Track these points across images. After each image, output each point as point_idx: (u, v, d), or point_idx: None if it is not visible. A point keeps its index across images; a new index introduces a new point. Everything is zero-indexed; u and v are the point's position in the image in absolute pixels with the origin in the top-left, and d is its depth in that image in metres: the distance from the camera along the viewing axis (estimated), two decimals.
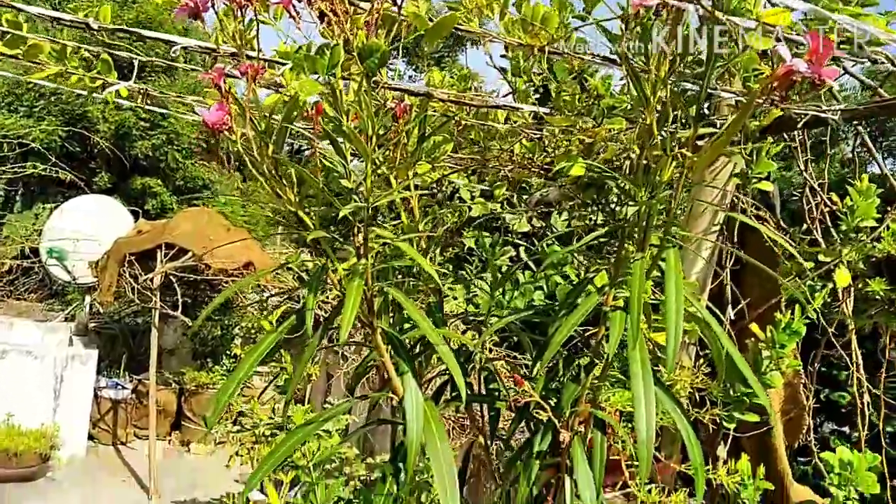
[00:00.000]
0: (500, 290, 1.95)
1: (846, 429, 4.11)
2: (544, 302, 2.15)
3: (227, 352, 6.96)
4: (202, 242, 5.66)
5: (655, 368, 1.29)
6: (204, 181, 13.18)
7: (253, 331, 7.32)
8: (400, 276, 1.53)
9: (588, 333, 1.48)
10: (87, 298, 7.12)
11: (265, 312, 7.32)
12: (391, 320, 1.40)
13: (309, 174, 1.07)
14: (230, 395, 1.02)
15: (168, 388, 6.89)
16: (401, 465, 1.26)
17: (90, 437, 6.46)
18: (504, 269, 1.97)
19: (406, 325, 1.45)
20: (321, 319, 1.25)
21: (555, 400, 1.25)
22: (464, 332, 1.83)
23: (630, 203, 1.08)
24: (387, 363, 1.32)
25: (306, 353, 1.11)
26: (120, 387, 6.70)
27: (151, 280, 5.52)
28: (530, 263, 2.31)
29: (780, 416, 2.44)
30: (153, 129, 10.05)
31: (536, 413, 1.39)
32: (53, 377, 5.96)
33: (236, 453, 4.88)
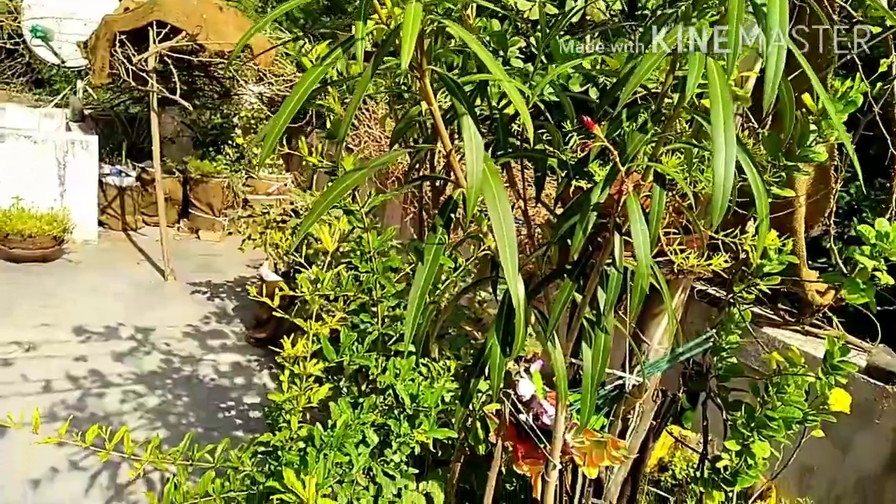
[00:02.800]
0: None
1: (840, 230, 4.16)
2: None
3: (229, 141, 6.83)
4: (195, 21, 5.30)
5: None
6: None
7: (253, 121, 7.13)
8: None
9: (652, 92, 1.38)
10: (80, 83, 6.83)
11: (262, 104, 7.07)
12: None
13: None
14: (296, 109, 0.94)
15: (172, 177, 6.87)
16: (451, 216, 1.22)
17: (100, 224, 6.55)
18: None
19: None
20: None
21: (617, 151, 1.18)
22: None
23: None
24: (435, 112, 1.23)
25: (358, 91, 1.02)
26: (124, 174, 6.66)
27: (146, 61, 5.23)
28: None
29: (804, 199, 2.42)
30: None
31: (591, 170, 1.34)
32: (56, 162, 5.88)
33: (248, 237, 4.97)
